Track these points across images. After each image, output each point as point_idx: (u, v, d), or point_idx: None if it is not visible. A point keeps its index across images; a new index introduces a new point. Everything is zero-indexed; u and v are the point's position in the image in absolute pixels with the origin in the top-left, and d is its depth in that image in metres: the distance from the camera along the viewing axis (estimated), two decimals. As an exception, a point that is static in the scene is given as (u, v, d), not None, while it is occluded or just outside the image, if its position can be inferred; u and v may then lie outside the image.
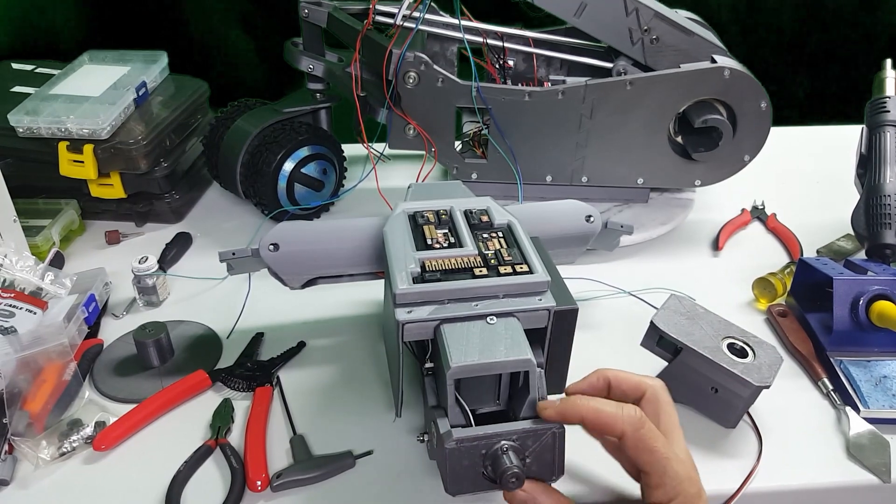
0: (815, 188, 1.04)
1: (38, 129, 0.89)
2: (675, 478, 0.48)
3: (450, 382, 0.50)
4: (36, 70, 1.05)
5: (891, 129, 0.85)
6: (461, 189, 0.69)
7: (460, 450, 0.49)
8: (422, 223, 0.61)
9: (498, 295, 0.54)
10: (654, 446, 0.48)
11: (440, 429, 0.51)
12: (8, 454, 0.62)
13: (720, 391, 0.64)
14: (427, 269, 0.55)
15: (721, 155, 0.88)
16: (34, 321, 0.71)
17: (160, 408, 0.67)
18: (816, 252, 0.90)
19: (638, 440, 0.48)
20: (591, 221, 0.72)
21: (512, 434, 0.49)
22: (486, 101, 0.84)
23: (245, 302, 0.81)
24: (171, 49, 1.05)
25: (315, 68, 0.93)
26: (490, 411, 0.55)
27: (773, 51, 1.49)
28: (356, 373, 0.72)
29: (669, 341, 0.65)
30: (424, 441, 0.57)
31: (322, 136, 0.94)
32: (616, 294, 0.83)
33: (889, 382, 0.68)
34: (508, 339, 0.51)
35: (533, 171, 0.89)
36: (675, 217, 0.93)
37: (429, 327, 0.53)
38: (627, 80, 0.84)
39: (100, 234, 0.94)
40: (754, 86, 0.84)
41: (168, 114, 0.96)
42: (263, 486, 0.59)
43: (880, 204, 0.81)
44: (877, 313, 0.69)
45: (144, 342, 0.72)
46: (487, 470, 0.50)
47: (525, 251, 0.57)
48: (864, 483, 0.61)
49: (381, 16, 0.87)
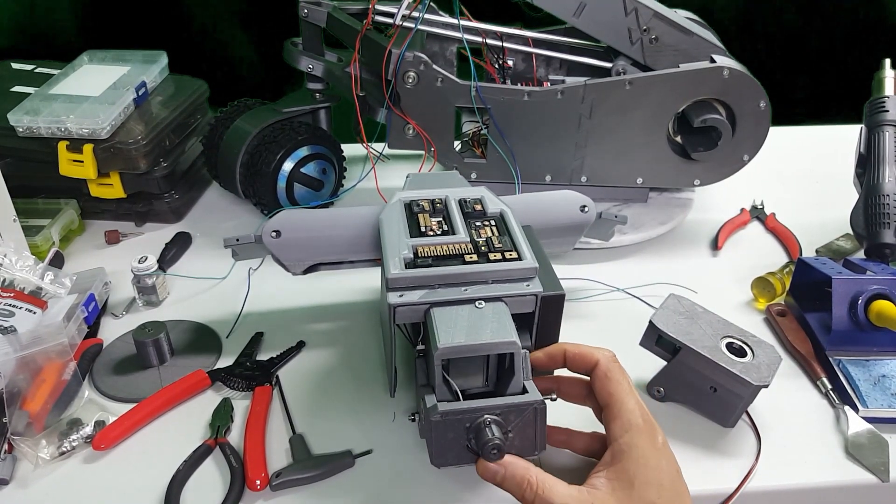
0: (814, 188, 1.04)
1: (37, 129, 0.89)
2: (632, 412, 0.53)
3: (438, 363, 0.52)
4: (36, 70, 1.05)
5: (890, 129, 0.85)
6: (458, 179, 0.71)
7: (445, 422, 0.51)
8: (417, 211, 0.64)
9: (487, 280, 0.56)
10: (620, 379, 0.55)
11: (427, 404, 0.53)
12: (7, 453, 0.62)
13: (719, 390, 0.64)
14: (419, 255, 0.58)
15: (720, 155, 0.88)
16: (34, 321, 0.72)
17: (160, 407, 0.67)
18: (815, 252, 0.90)
19: (608, 370, 0.56)
20: (585, 211, 0.73)
21: (495, 408, 0.52)
22: (485, 100, 0.84)
23: (245, 302, 0.81)
24: (171, 49, 1.05)
25: (314, 68, 0.93)
26: (478, 392, 0.57)
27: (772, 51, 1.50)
28: (356, 372, 0.73)
29: (668, 341, 0.65)
30: (416, 420, 0.59)
31: (321, 136, 0.94)
32: (615, 293, 0.83)
33: (888, 382, 0.68)
34: (495, 323, 0.53)
35: (532, 170, 0.89)
36: (675, 217, 0.93)
37: (419, 310, 0.55)
38: (627, 79, 0.84)
39: (99, 233, 0.94)
40: (753, 85, 0.84)
41: (168, 114, 0.96)
42: (263, 486, 0.59)
43: (879, 203, 0.81)
44: (875, 313, 0.69)
45: (144, 342, 0.72)
46: (471, 442, 0.52)
47: (515, 239, 0.60)
48: (863, 482, 0.61)
49: (381, 16, 0.87)
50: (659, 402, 0.68)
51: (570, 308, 0.79)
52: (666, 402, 0.68)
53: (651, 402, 0.68)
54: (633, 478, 0.50)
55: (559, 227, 0.73)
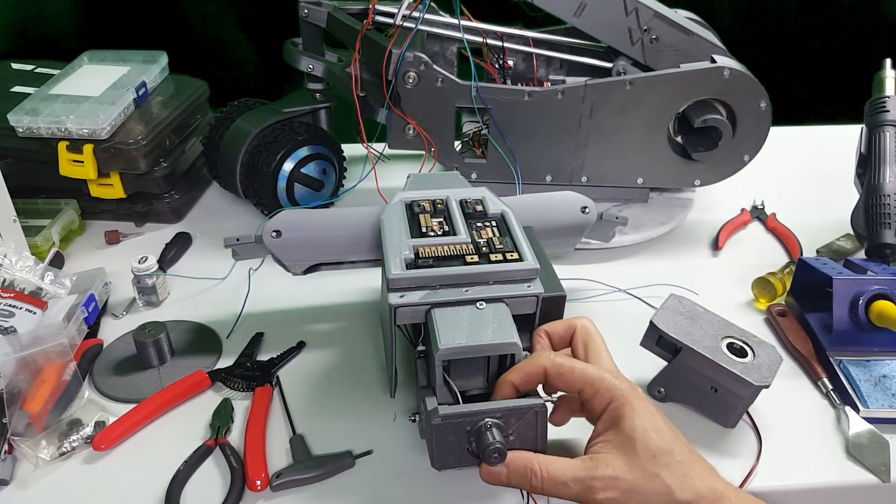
0: (814, 188, 1.04)
1: (37, 129, 0.89)
2: (602, 380, 0.53)
3: (438, 363, 0.52)
4: (36, 70, 1.05)
5: (890, 129, 0.85)
6: (459, 179, 0.71)
7: (446, 426, 0.52)
8: (418, 212, 0.64)
9: (488, 281, 0.57)
10: (570, 366, 0.54)
11: (428, 406, 0.53)
12: (8, 454, 0.62)
13: (720, 391, 0.64)
14: (420, 256, 0.58)
15: (721, 155, 0.88)
16: (34, 321, 0.72)
17: (160, 408, 0.67)
18: (816, 252, 0.90)
19: (557, 373, 0.54)
20: (586, 212, 0.73)
21: (496, 412, 0.52)
22: (485, 101, 0.84)
23: (245, 302, 0.81)
24: (171, 49, 1.05)
25: (315, 68, 0.93)
26: (479, 393, 0.57)
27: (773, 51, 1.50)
28: (356, 373, 0.72)
29: (669, 341, 0.65)
30: (416, 421, 0.59)
31: (322, 136, 0.94)
32: (615, 294, 0.83)
33: (888, 382, 0.68)
34: (496, 324, 0.54)
35: (532, 170, 0.89)
36: (675, 217, 0.93)
37: (420, 311, 0.55)
38: (627, 79, 0.84)
39: (99, 234, 0.94)
40: (754, 86, 0.84)
41: (168, 114, 0.96)
42: (263, 486, 0.59)
43: (880, 203, 0.81)
44: (876, 313, 0.69)
45: (144, 342, 0.72)
46: (472, 446, 0.52)
47: (516, 240, 0.60)
48: (864, 482, 0.61)
49: (381, 16, 0.87)
50: (660, 403, 0.68)
51: (571, 308, 0.79)
52: (667, 403, 0.68)
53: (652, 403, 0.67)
54: (633, 432, 0.51)
55: (560, 227, 0.73)
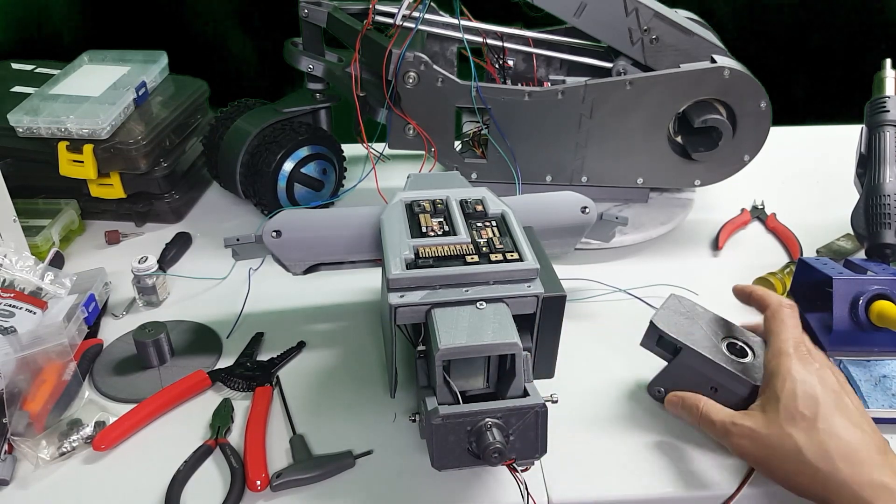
0: (814, 188, 1.04)
1: (37, 129, 0.89)
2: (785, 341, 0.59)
3: (438, 363, 0.52)
4: (36, 70, 1.05)
5: (890, 129, 0.85)
6: (459, 179, 0.71)
7: (446, 426, 0.52)
8: (418, 212, 0.64)
9: (488, 281, 0.56)
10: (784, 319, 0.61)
11: (428, 406, 0.53)
12: (8, 454, 0.62)
13: (720, 390, 0.64)
14: (420, 256, 0.58)
15: (721, 155, 0.88)
16: (34, 321, 0.72)
17: (160, 408, 0.67)
18: (816, 252, 0.90)
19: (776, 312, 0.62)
20: (586, 212, 0.73)
21: (496, 412, 0.52)
22: (485, 101, 0.84)
23: (245, 302, 0.81)
24: (171, 49, 1.05)
25: (315, 68, 0.93)
26: (479, 393, 0.57)
27: (773, 51, 1.49)
28: (356, 373, 0.72)
29: (669, 341, 0.65)
30: (416, 421, 0.59)
31: (322, 136, 0.94)
32: (615, 294, 0.83)
33: (889, 382, 0.68)
34: (496, 324, 0.53)
35: (533, 170, 0.89)
36: (675, 217, 0.93)
37: (420, 311, 0.55)
38: (627, 79, 0.84)
39: (99, 234, 0.94)
40: (754, 86, 0.84)
41: (168, 114, 0.96)
42: (263, 486, 0.59)
43: (880, 204, 0.81)
44: (876, 313, 0.69)
45: (144, 342, 0.72)
46: (472, 446, 0.52)
47: (517, 240, 0.60)
48: (864, 483, 0.61)
49: (381, 16, 0.87)
50: (660, 403, 0.68)
51: (571, 308, 0.79)
52: (667, 403, 0.68)
53: (651, 402, 0.68)
54: (780, 392, 0.55)
55: (560, 228, 0.73)
